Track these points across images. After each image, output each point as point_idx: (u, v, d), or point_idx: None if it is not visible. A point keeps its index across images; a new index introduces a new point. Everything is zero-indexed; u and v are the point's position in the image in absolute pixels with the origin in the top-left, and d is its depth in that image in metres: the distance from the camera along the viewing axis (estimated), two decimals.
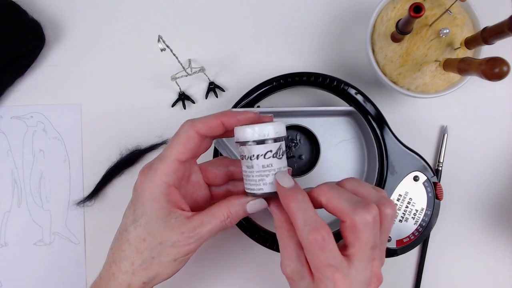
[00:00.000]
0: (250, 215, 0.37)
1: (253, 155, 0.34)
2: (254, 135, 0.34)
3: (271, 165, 0.34)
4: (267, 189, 0.35)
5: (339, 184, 0.35)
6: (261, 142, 0.34)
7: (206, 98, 0.53)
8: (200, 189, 0.39)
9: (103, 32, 0.53)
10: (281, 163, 0.35)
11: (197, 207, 0.38)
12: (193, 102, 0.53)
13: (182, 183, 0.37)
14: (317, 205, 0.33)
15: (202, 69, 0.51)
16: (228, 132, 0.36)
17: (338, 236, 0.32)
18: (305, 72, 0.47)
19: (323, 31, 0.53)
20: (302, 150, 0.48)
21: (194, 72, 0.50)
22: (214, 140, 0.46)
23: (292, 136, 0.47)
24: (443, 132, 0.52)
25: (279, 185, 0.33)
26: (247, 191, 0.36)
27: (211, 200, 0.40)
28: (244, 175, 0.36)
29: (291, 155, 0.47)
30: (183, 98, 0.52)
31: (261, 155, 0.34)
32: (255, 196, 0.35)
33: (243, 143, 0.34)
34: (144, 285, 0.35)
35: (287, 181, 0.33)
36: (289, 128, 0.47)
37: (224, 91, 0.53)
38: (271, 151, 0.34)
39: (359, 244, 0.31)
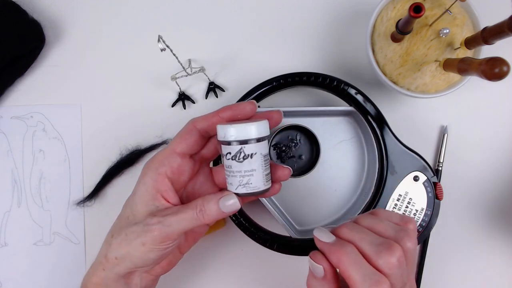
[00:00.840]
0: (232, 214, 0.37)
1: (233, 156, 0.34)
2: (232, 136, 0.33)
3: (231, 167, 0.34)
4: (230, 188, 0.35)
5: (355, 222, 0.35)
6: (242, 142, 0.33)
7: (206, 98, 0.53)
8: (208, 190, 0.39)
9: (103, 32, 0.53)
10: (242, 167, 0.34)
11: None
12: (193, 102, 0.53)
13: (181, 179, 0.37)
14: None
15: (202, 69, 0.51)
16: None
17: None
18: (305, 72, 0.47)
19: (323, 31, 0.53)
20: (302, 150, 0.48)
21: (194, 72, 0.50)
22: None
23: (292, 136, 0.47)
24: (443, 132, 0.52)
25: (321, 241, 0.33)
26: (227, 189, 0.36)
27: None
28: (225, 173, 0.35)
29: (291, 155, 0.47)
30: (183, 98, 0.52)
31: (240, 155, 0.34)
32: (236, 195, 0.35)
33: (223, 143, 0.34)
34: (116, 261, 0.36)
35: (328, 236, 0.33)
36: (289, 128, 0.47)
37: (224, 91, 0.53)
38: (230, 153, 0.34)
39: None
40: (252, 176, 0.35)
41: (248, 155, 0.34)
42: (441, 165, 0.51)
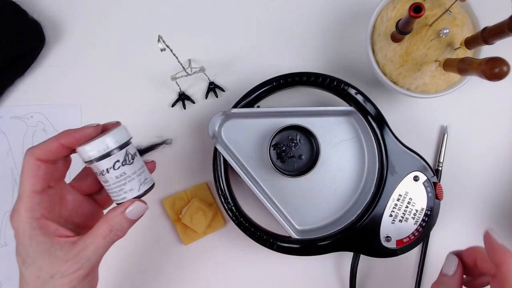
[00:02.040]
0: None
1: (102, 171, 0.34)
2: (94, 153, 0.34)
3: (125, 173, 0.35)
4: (130, 195, 0.35)
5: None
6: (104, 156, 0.34)
7: (206, 98, 0.53)
8: (83, 204, 0.39)
9: (103, 32, 0.53)
10: (135, 167, 0.36)
11: (92, 221, 0.38)
12: (193, 102, 0.53)
13: (56, 209, 0.36)
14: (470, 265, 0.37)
15: (202, 69, 0.51)
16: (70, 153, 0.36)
17: None
18: (305, 72, 0.47)
19: (323, 31, 0.53)
20: (302, 150, 0.48)
21: (194, 72, 0.50)
22: (214, 140, 0.46)
23: (292, 136, 0.47)
24: (443, 132, 0.52)
25: (495, 241, 0.36)
26: (116, 203, 0.36)
27: (103, 207, 0.41)
28: (107, 190, 0.36)
29: (291, 155, 0.47)
30: (183, 98, 0.52)
31: (110, 167, 0.34)
32: None
33: (89, 162, 0.34)
34: None
35: (500, 239, 0.36)
36: (289, 128, 0.47)
37: (224, 91, 0.53)
38: (118, 160, 0.34)
39: None
40: (144, 171, 0.37)
41: (134, 153, 0.36)
42: (441, 165, 0.51)
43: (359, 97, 0.47)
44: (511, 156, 0.52)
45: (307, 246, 0.46)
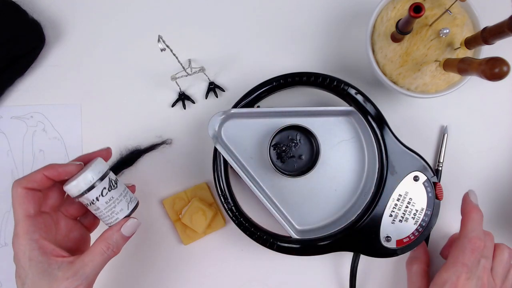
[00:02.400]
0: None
1: (93, 200, 0.39)
2: (81, 188, 0.38)
3: (113, 197, 0.40)
4: (122, 215, 0.40)
5: None
6: (91, 188, 0.38)
7: (206, 98, 0.53)
8: (74, 228, 0.43)
9: (103, 32, 0.53)
10: (120, 190, 0.41)
11: (82, 245, 0.43)
12: (193, 102, 0.53)
13: (52, 233, 0.40)
14: None
15: (202, 69, 0.51)
16: (62, 182, 0.40)
17: None
18: (305, 72, 0.47)
19: (323, 31, 0.53)
20: (302, 150, 0.48)
21: (194, 72, 0.50)
22: (214, 140, 0.46)
23: (292, 136, 0.47)
24: (443, 132, 0.52)
25: (469, 199, 0.45)
26: (109, 226, 0.41)
27: (90, 230, 0.45)
28: (99, 217, 0.41)
29: (291, 155, 0.47)
30: (183, 98, 0.52)
31: (99, 195, 0.39)
32: None
33: (79, 196, 0.39)
34: None
35: (476, 199, 0.46)
36: (289, 128, 0.47)
37: (224, 91, 0.53)
38: (105, 188, 0.39)
39: None
40: (128, 192, 0.42)
41: (115, 179, 0.41)
42: (441, 165, 0.51)
43: (359, 97, 0.47)
44: (511, 156, 0.52)
45: (307, 246, 0.46)
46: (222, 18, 0.54)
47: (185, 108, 0.53)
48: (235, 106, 0.48)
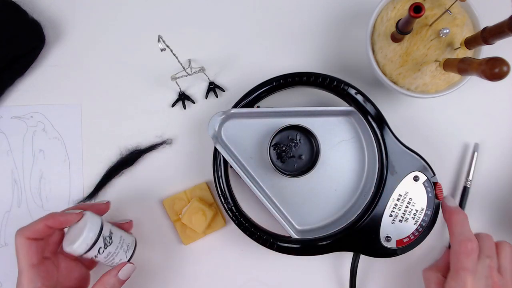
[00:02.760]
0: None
1: (93, 257, 0.43)
2: (81, 250, 0.41)
3: (110, 253, 0.43)
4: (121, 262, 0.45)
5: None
6: (89, 249, 0.41)
7: (206, 98, 0.53)
8: (74, 268, 0.46)
9: (103, 32, 0.53)
10: (115, 243, 0.44)
11: (83, 283, 0.46)
12: (193, 102, 0.53)
13: (54, 277, 0.43)
14: None
15: (202, 69, 0.51)
16: (62, 230, 0.44)
17: None
18: (305, 72, 0.47)
19: (323, 31, 0.53)
20: (302, 150, 0.47)
21: (194, 72, 0.50)
22: (214, 140, 0.46)
23: (292, 136, 0.47)
24: (473, 150, 0.51)
25: (446, 204, 0.46)
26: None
27: (90, 268, 0.48)
28: (108, 261, 0.44)
29: (291, 155, 0.47)
30: (183, 98, 0.52)
31: (97, 254, 0.42)
32: None
33: (80, 256, 0.42)
34: None
35: (453, 202, 0.46)
36: (289, 128, 0.47)
37: (224, 91, 0.53)
38: (100, 247, 0.42)
39: None
40: (124, 240, 0.45)
41: (109, 233, 0.44)
42: (469, 183, 0.51)
43: (359, 97, 0.47)
44: (511, 156, 0.52)
45: (307, 246, 0.46)
46: (222, 18, 0.54)
47: (185, 108, 0.53)
48: (235, 106, 0.48)
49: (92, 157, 0.52)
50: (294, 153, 0.47)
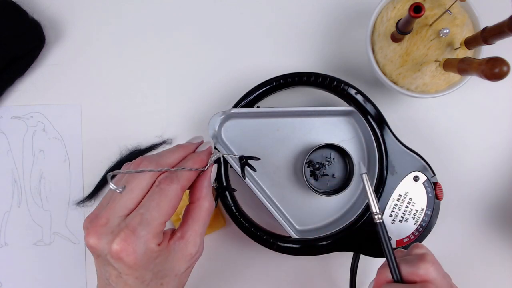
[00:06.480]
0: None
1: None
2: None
3: None
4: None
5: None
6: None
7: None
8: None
9: (103, 32, 0.53)
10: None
11: None
12: (254, 170, 0.49)
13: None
14: None
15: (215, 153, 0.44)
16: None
17: None
18: (305, 72, 0.47)
19: (323, 31, 0.53)
20: (335, 169, 0.48)
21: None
22: (214, 140, 0.46)
23: (326, 155, 0.48)
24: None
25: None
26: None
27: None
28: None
29: (324, 173, 0.48)
30: (245, 161, 0.51)
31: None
32: None
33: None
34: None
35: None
36: (322, 147, 0.47)
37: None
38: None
39: None
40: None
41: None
42: (378, 216, 0.44)
43: (359, 97, 0.47)
44: (511, 156, 0.52)
45: (307, 246, 0.46)
46: (222, 18, 0.54)
47: (244, 178, 0.46)
48: (235, 106, 0.48)
49: (92, 157, 0.52)
50: (328, 171, 0.48)
